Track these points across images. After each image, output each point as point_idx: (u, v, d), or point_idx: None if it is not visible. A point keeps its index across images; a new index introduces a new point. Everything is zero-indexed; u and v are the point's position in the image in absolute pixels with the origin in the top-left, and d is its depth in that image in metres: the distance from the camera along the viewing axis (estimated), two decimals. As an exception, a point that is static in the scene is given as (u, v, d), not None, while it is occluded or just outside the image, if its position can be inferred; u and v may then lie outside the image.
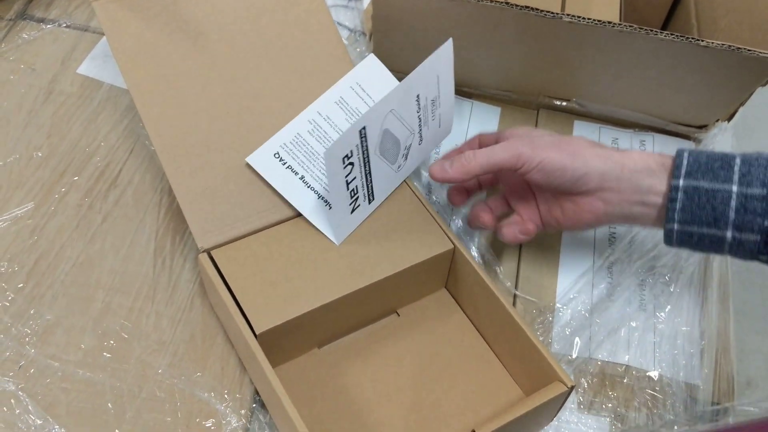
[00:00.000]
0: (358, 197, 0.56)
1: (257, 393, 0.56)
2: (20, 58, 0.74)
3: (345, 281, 0.55)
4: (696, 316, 0.62)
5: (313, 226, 0.57)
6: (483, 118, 0.75)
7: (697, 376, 0.59)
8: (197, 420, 0.54)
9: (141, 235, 0.63)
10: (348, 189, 0.54)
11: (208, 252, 0.55)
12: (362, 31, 0.77)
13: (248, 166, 0.58)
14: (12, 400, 0.54)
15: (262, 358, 0.50)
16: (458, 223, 0.66)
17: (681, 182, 0.51)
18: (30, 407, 0.54)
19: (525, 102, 0.74)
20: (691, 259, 0.63)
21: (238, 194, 0.57)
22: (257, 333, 0.51)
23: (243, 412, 0.55)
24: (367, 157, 0.55)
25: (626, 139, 0.73)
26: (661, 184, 0.52)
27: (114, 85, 0.73)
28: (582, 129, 0.74)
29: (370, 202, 0.57)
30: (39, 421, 0.53)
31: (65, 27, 0.77)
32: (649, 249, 0.64)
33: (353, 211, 0.56)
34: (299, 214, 0.58)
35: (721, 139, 0.71)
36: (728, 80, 0.63)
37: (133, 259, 0.62)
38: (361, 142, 0.53)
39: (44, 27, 0.77)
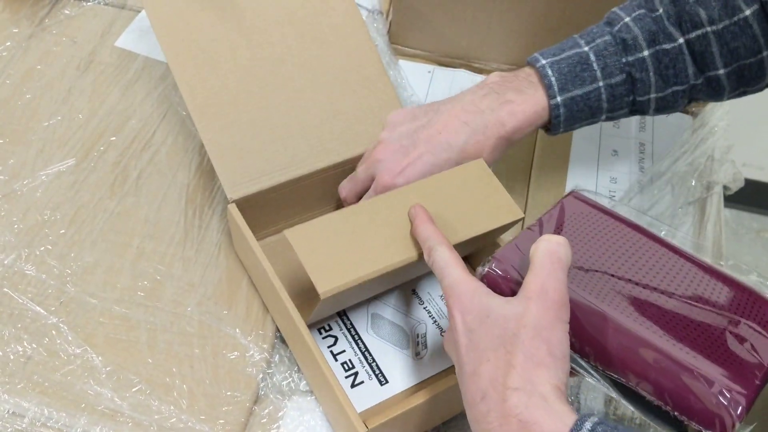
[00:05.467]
0: (357, 373, 0.58)
1: (278, 330, 0.61)
2: (63, 32, 0.80)
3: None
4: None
5: None
6: (492, 93, 0.79)
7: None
8: (223, 352, 0.59)
9: (173, 190, 0.68)
10: (336, 361, 0.58)
11: (237, 202, 0.60)
12: (380, 10, 0.82)
13: (273, 124, 0.62)
14: (53, 332, 0.59)
15: (285, 297, 0.55)
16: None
17: (559, 99, 0.58)
18: (70, 337, 0.59)
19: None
20: (685, 218, 0.68)
21: (263, 150, 0.62)
22: None
23: (265, 346, 0.60)
24: (357, 334, 0.59)
25: (627, 113, 0.78)
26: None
27: (149, 57, 0.78)
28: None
29: (382, 384, 0.57)
30: (78, 350, 0.58)
31: (104, 5, 0.83)
32: (645, 209, 0.68)
33: (354, 385, 0.57)
34: (321, 171, 0.63)
35: (718, 114, 0.76)
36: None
37: (165, 210, 0.67)
38: (341, 319, 0.60)
39: (85, 4, 0.82)
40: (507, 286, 0.46)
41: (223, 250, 0.65)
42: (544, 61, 0.59)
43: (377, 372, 0.58)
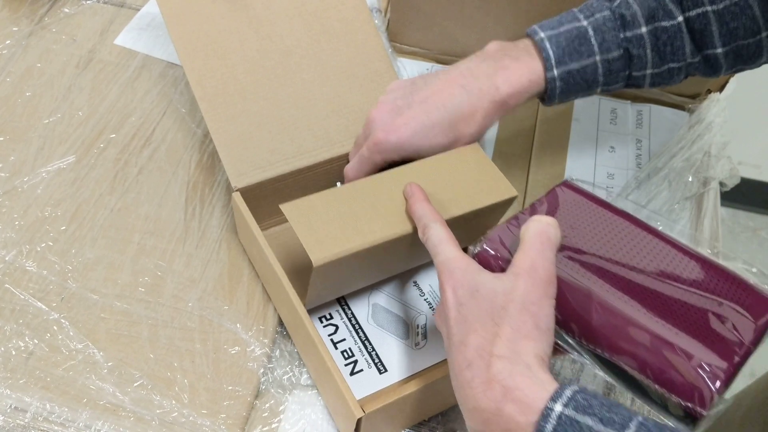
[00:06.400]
0: (356, 361, 0.58)
1: (279, 325, 0.61)
2: (62, 30, 0.80)
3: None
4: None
5: None
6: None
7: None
8: (224, 347, 0.59)
9: (173, 186, 0.69)
10: (336, 349, 0.59)
11: (241, 191, 0.60)
12: (378, 8, 0.82)
13: (280, 115, 0.63)
14: (55, 327, 0.59)
15: (287, 284, 0.55)
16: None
17: (555, 72, 0.58)
18: (71, 333, 0.59)
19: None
20: (682, 213, 0.68)
21: (269, 141, 0.62)
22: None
23: (266, 341, 0.60)
24: (358, 323, 0.60)
25: (624, 110, 0.78)
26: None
27: (148, 55, 0.79)
28: (583, 101, 0.79)
29: (381, 372, 0.58)
30: (79, 346, 0.59)
31: (103, 3, 0.83)
32: (642, 204, 0.68)
33: (353, 373, 0.58)
34: (325, 162, 0.63)
35: (715, 111, 0.76)
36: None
37: (166, 206, 0.67)
38: (343, 308, 0.61)
39: (84, 2, 0.83)
40: (497, 265, 0.47)
41: (223, 245, 0.65)
42: (542, 34, 0.59)
43: (376, 361, 0.58)
